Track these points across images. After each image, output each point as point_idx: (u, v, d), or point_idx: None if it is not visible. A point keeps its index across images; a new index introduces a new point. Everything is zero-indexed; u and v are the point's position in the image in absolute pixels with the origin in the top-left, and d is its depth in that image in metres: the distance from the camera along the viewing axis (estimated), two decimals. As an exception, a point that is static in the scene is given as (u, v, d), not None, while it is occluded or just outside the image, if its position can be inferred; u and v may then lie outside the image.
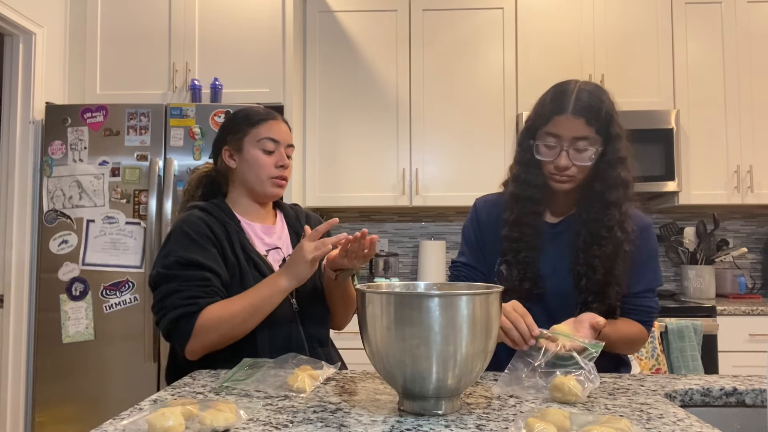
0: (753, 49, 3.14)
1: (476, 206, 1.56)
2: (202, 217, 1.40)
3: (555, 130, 1.32)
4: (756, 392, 1.12)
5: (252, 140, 1.45)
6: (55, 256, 2.63)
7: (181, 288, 1.30)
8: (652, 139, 3.04)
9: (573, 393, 0.99)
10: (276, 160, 1.46)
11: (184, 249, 1.33)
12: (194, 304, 1.28)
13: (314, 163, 3.23)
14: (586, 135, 1.30)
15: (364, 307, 0.94)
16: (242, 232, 1.43)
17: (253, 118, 1.48)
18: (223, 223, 1.41)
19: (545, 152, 1.34)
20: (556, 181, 1.35)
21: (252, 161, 1.45)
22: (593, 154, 1.32)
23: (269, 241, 1.49)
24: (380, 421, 0.90)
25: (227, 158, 1.48)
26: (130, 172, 2.67)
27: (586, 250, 1.34)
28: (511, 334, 1.18)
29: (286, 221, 1.58)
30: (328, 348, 1.50)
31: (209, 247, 1.36)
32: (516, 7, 3.23)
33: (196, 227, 1.37)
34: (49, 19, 2.88)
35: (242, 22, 2.97)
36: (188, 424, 0.84)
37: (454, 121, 3.23)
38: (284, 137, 1.48)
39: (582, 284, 1.34)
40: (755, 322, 2.76)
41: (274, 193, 1.48)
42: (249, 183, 1.47)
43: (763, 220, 3.47)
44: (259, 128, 1.46)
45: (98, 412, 2.55)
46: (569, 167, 1.32)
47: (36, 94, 2.77)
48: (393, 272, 3.36)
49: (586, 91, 1.32)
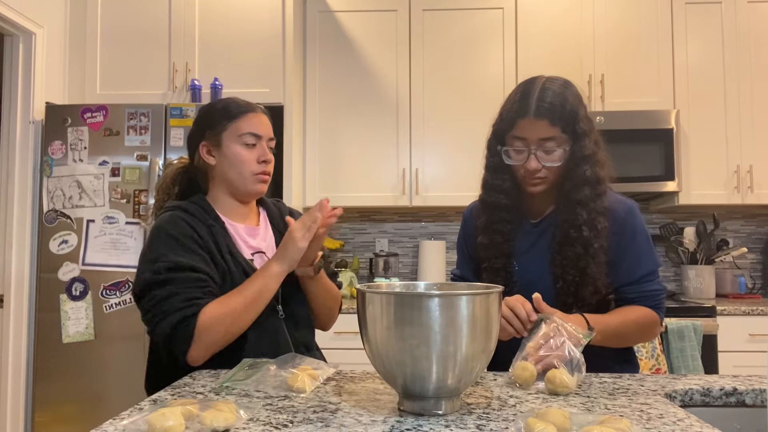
0: (753, 49, 3.14)
1: (464, 215, 1.56)
2: (185, 218, 1.33)
3: (521, 134, 1.31)
4: (756, 392, 1.12)
5: (232, 135, 1.38)
6: (55, 256, 2.63)
7: (178, 291, 1.23)
8: (652, 139, 3.04)
9: (564, 385, 1.04)
10: (258, 155, 1.39)
11: (173, 253, 1.27)
12: (194, 305, 1.23)
13: (314, 162, 3.23)
14: (552, 135, 1.29)
15: (364, 307, 0.94)
16: (227, 235, 1.37)
17: (231, 111, 1.39)
18: (207, 225, 1.35)
19: (514, 156, 1.34)
20: (529, 185, 1.35)
21: (232, 157, 1.38)
22: (562, 153, 1.30)
23: (253, 244, 1.43)
24: (380, 421, 0.90)
25: (205, 154, 1.41)
26: (130, 172, 2.67)
27: (560, 251, 1.33)
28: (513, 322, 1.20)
29: (269, 220, 1.52)
30: (313, 352, 1.47)
31: (198, 250, 1.30)
32: (516, 7, 3.23)
33: (181, 230, 1.30)
34: (49, 19, 2.88)
35: (242, 22, 2.97)
36: (188, 424, 0.84)
37: (454, 121, 3.23)
38: (266, 131, 1.42)
39: (558, 286, 1.33)
40: (755, 322, 2.76)
41: (257, 189, 1.41)
42: (230, 180, 1.39)
43: (763, 220, 3.47)
44: (238, 122, 1.38)
45: (98, 412, 2.55)
46: (539, 169, 1.31)
47: (36, 94, 2.77)
48: (393, 272, 3.36)
49: (549, 91, 1.30)
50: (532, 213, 1.44)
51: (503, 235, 1.40)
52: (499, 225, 1.40)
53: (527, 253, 1.40)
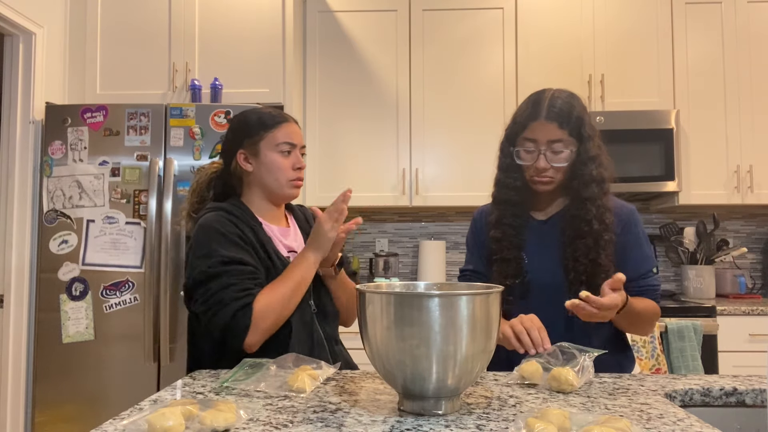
0: (753, 49, 3.14)
1: (474, 217, 1.67)
2: (229, 218, 1.42)
3: (532, 135, 1.44)
4: (756, 392, 1.12)
5: (269, 144, 1.47)
6: (55, 256, 2.63)
7: (233, 282, 1.32)
8: (652, 139, 3.04)
9: (568, 383, 1.06)
10: (293, 162, 1.49)
11: (226, 249, 1.36)
12: (250, 294, 1.32)
13: (314, 162, 3.23)
14: (560, 138, 1.42)
15: (364, 307, 0.94)
16: (267, 237, 1.46)
17: (268, 122, 1.49)
18: (249, 225, 1.44)
19: (525, 156, 1.46)
20: (537, 183, 1.46)
21: (270, 164, 1.47)
22: (569, 155, 1.43)
23: (287, 243, 1.52)
24: (380, 421, 0.90)
25: (242, 162, 1.49)
26: (130, 172, 2.67)
27: (570, 244, 1.44)
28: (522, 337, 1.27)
29: (297, 223, 1.62)
30: (340, 346, 1.56)
31: (245, 246, 1.39)
32: (516, 7, 3.23)
33: (229, 228, 1.39)
34: (49, 19, 2.88)
35: (242, 22, 2.97)
36: (188, 424, 0.84)
37: (454, 121, 3.23)
38: (299, 139, 1.52)
39: (571, 277, 1.43)
40: (755, 322, 2.76)
41: (292, 194, 1.51)
42: (267, 186, 1.49)
43: (763, 220, 3.47)
44: (275, 132, 1.48)
45: (98, 412, 2.55)
46: (548, 169, 1.43)
47: (36, 94, 2.77)
48: (393, 272, 3.36)
49: (558, 99, 1.44)
50: (538, 211, 1.55)
51: (514, 228, 1.51)
52: (510, 219, 1.51)
53: (536, 249, 1.50)
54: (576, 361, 1.14)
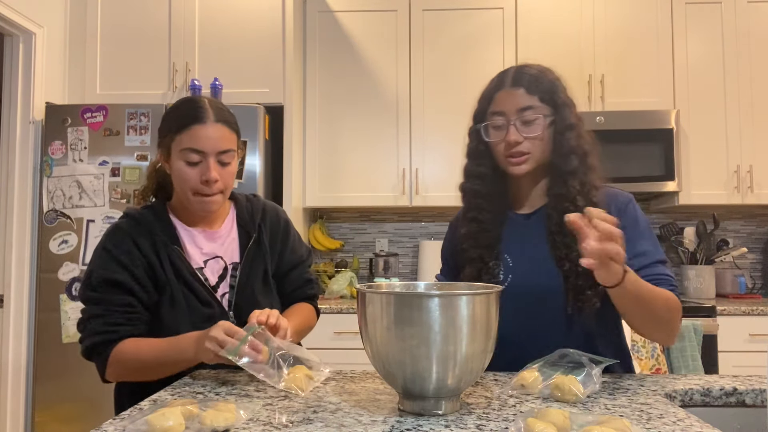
0: (753, 49, 3.14)
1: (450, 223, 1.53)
2: (128, 231, 1.30)
3: (499, 107, 1.28)
4: (756, 392, 1.12)
5: (176, 148, 1.27)
6: (55, 256, 2.63)
7: (104, 313, 1.25)
8: (652, 139, 3.04)
9: (572, 393, 0.99)
10: (201, 172, 1.26)
11: (105, 268, 1.26)
12: (114, 332, 1.24)
13: (314, 163, 3.23)
14: (530, 104, 1.26)
15: (364, 307, 0.94)
16: (172, 247, 1.30)
17: (179, 120, 1.28)
18: (152, 236, 1.30)
19: (494, 133, 1.30)
20: (512, 163, 1.28)
21: (176, 173, 1.28)
22: (542, 123, 1.25)
23: (209, 250, 1.36)
24: (380, 421, 0.90)
25: (162, 161, 1.33)
26: (130, 172, 2.67)
27: (560, 231, 1.22)
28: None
29: (237, 220, 1.42)
30: None
31: (133, 266, 1.27)
32: (516, 7, 3.23)
33: (119, 243, 1.28)
34: (49, 19, 2.88)
35: (242, 22, 2.97)
36: (188, 424, 0.84)
37: (455, 121, 3.22)
38: (212, 145, 1.26)
39: (566, 269, 1.23)
40: (755, 322, 2.76)
41: (201, 208, 1.30)
42: (179, 194, 1.33)
43: (763, 220, 3.47)
44: (182, 135, 1.26)
45: (98, 412, 2.55)
46: (520, 141, 1.25)
47: (36, 94, 2.77)
48: (393, 272, 3.35)
49: (525, 67, 1.31)
50: (521, 205, 1.37)
51: (479, 223, 1.34)
52: (475, 213, 1.35)
53: (520, 246, 1.32)
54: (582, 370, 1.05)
